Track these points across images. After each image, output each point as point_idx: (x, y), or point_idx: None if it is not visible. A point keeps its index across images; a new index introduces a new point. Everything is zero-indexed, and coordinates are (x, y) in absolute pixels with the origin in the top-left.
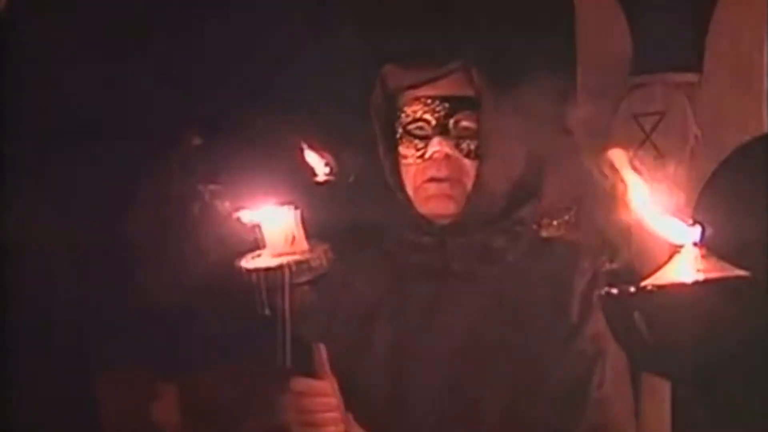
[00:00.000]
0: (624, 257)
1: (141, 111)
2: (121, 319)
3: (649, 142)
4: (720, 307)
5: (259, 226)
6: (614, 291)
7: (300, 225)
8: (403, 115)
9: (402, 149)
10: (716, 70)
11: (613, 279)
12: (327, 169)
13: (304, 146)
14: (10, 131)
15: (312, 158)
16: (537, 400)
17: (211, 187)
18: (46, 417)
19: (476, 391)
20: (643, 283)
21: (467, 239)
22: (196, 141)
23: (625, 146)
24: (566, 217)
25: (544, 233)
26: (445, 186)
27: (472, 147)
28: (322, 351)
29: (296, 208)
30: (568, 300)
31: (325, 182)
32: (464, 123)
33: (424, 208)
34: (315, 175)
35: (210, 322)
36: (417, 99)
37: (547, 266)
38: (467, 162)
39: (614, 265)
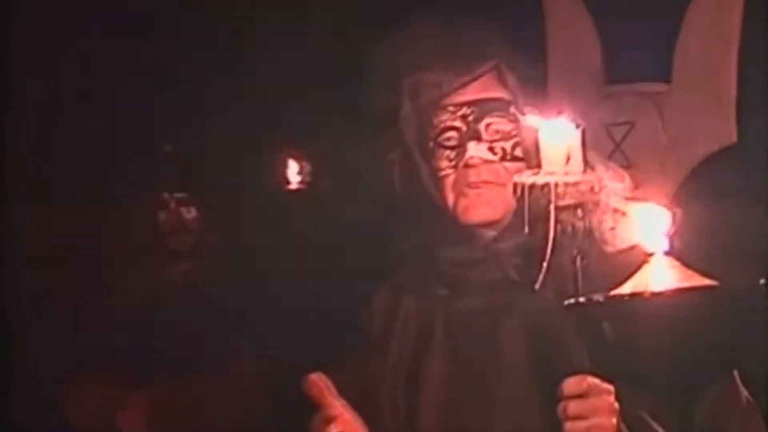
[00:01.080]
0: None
1: (116, 117)
2: (88, 326)
3: (619, 151)
4: (689, 316)
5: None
6: (583, 300)
7: (580, 146)
8: (432, 126)
9: (435, 161)
10: (685, 80)
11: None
12: (299, 177)
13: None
14: None
15: (290, 166)
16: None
17: (177, 195)
18: (17, 424)
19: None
20: (612, 293)
21: (519, 245)
22: (168, 148)
23: (595, 155)
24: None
25: None
26: (484, 192)
27: (508, 149)
28: (316, 382)
29: (578, 126)
30: None
31: (298, 190)
32: (496, 125)
33: (466, 217)
34: (288, 183)
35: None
36: (444, 108)
37: (611, 275)
38: (507, 165)
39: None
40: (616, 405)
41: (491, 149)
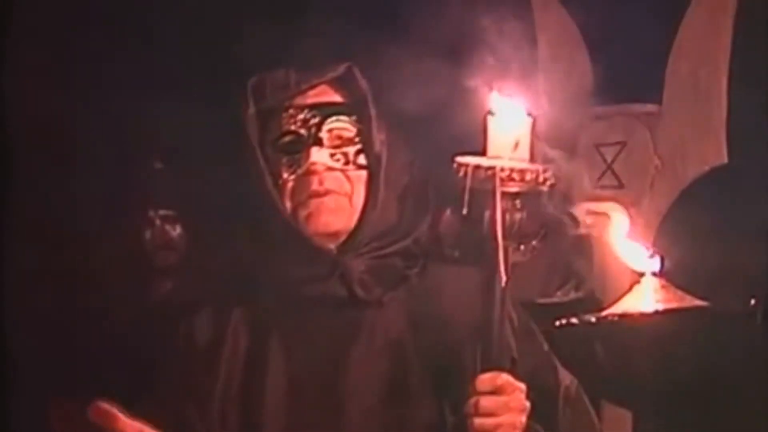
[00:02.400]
0: (588, 287)
1: (105, 134)
2: (74, 343)
3: (611, 172)
4: (679, 337)
5: (486, 123)
6: (574, 321)
7: (529, 133)
8: (273, 129)
9: (277, 167)
10: (676, 101)
11: (578, 308)
12: None
13: None
14: None
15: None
16: None
17: (162, 212)
18: None
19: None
20: (603, 313)
21: (365, 261)
22: (158, 165)
23: (586, 176)
24: (533, 243)
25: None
26: (327, 201)
27: (352, 156)
28: (104, 408)
29: (530, 115)
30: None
31: None
32: (339, 131)
33: (308, 228)
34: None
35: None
36: (286, 111)
37: (460, 290)
38: (352, 174)
39: (579, 294)
40: (527, 404)
41: (333, 156)
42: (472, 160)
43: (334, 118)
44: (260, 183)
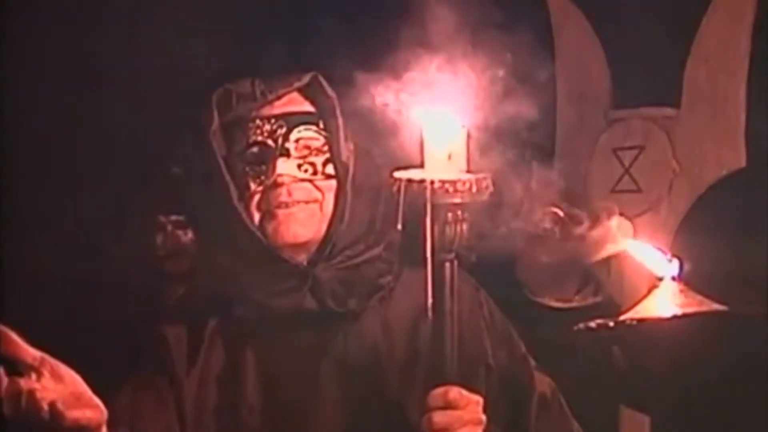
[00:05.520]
0: (607, 291)
1: (119, 140)
2: (86, 349)
3: (628, 176)
4: (698, 341)
5: (420, 136)
6: (593, 325)
7: (464, 143)
8: (240, 140)
9: (244, 178)
10: (694, 104)
11: (597, 312)
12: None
13: None
14: None
15: None
16: None
17: (173, 218)
18: None
19: None
20: (622, 317)
21: (336, 271)
22: (176, 170)
23: (604, 180)
24: (556, 230)
25: None
26: (295, 211)
27: (319, 166)
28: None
29: (464, 126)
30: (477, 334)
31: None
32: (307, 141)
33: (277, 239)
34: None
35: None
36: (252, 121)
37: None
38: (320, 183)
39: (598, 299)
40: (483, 417)
41: (300, 166)
42: (405, 174)
43: (301, 127)
44: (226, 195)
